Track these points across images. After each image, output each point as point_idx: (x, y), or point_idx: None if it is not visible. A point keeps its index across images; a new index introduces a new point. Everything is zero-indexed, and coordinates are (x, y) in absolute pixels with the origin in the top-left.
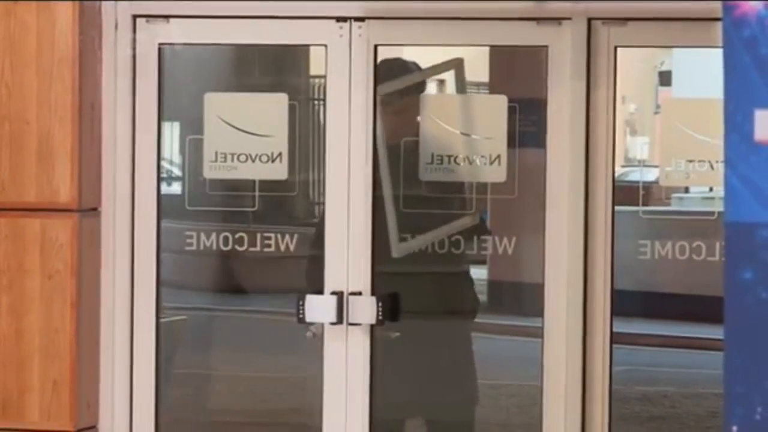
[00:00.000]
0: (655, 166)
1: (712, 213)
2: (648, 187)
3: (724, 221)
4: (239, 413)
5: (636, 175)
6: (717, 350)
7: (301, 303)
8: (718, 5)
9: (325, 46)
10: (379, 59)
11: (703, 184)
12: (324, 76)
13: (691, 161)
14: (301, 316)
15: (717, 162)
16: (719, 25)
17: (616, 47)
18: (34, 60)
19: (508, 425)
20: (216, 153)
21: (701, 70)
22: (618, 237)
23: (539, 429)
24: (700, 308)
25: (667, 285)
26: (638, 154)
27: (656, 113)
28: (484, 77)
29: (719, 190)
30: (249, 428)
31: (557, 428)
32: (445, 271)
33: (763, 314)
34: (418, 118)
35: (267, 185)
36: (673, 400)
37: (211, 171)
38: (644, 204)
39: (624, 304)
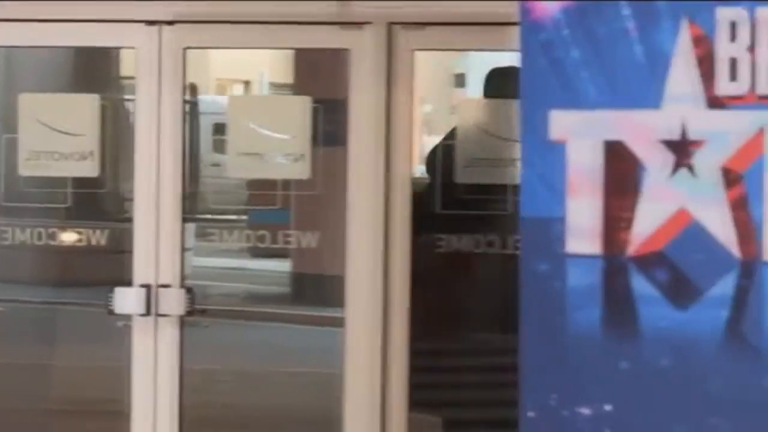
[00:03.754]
0: None
1: None
2: None
3: (520, 216)
4: (52, 401)
5: None
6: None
7: (110, 295)
8: (515, 10)
9: (135, 49)
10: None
11: None
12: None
13: None
14: (110, 307)
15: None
16: (515, 29)
17: (414, 51)
18: None
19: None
20: (30, 151)
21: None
22: None
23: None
24: None
25: None
26: None
27: (452, 114)
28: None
29: None
30: (62, 416)
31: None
32: None
33: (558, 304)
34: None
35: (79, 182)
36: None
37: (25, 168)
38: None
39: None
